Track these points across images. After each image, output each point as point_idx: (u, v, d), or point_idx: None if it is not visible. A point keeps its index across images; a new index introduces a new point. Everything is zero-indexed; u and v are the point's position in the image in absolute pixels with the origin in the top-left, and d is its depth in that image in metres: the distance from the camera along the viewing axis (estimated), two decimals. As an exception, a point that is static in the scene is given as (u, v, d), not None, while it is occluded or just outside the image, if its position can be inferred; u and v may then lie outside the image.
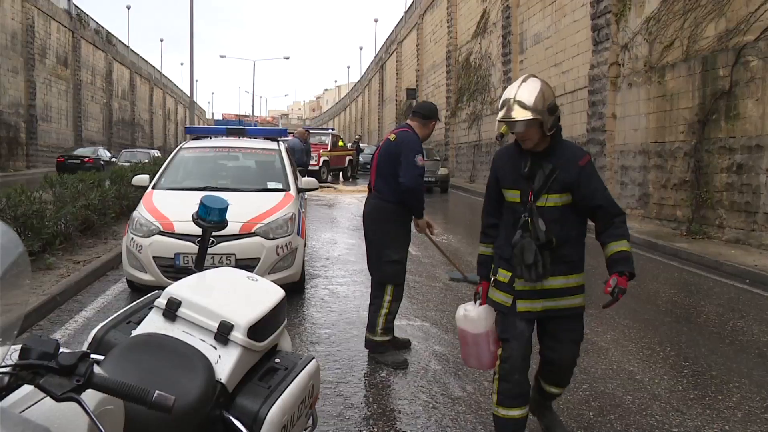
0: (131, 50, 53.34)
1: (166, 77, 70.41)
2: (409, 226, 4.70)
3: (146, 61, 58.96)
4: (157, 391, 1.35)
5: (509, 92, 3.02)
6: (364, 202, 4.94)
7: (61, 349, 1.38)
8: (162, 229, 5.88)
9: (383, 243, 4.61)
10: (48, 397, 1.34)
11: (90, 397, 1.40)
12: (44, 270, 6.80)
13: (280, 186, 7.10)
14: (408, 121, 4.78)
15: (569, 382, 3.36)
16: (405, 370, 4.50)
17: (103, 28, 44.83)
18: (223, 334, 2.07)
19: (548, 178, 3.01)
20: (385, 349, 4.63)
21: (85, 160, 26.16)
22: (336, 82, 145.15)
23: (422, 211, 4.67)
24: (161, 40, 78.39)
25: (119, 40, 49.43)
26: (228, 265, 5.59)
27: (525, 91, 2.99)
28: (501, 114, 3.00)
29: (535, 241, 3.00)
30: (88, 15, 41.27)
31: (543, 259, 3.01)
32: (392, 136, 4.64)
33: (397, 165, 4.47)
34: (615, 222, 3.09)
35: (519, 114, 2.95)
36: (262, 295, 2.35)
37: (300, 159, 16.85)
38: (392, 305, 4.65)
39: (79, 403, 1.34)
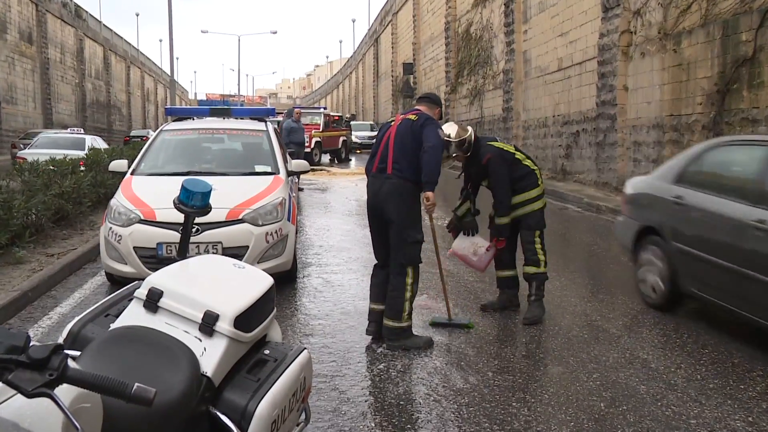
0: (104, 25, 52.88)
1: (144, 55, 69.87)
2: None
3: (121, 38, 58.50)
4: (136, 384, 1.36)
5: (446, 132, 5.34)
6: (369, 183, 4.98)
7: (32, 343, 1.39)
8: (142, 218, 5.90)
9: (406, 223, 4.77)
10: (19, 394, 1.34)
11: (64, 393, 1.40)
12: (14, 264, 6.80)
13: (269, 169, 7.11)
14: (417, 106, 5.13)
15: None
16: (431, 348, 4.76)
17: (71, 0, 44.40)
18: (208, 324, 2.08)
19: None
20: (408, 334, 4.79)
21: (144, 138, 32.31)
22: (328, 57, 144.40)
23: (435, 183, 4.77)
24: (137, 15, 77.64)
25: (90, 15, 48.94)
26: (214, 254, 5.60)
27: (453, 135, 5.50)
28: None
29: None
30: (53, -13, 40.85)
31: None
32: (413, 117, 4.90)
33: (421, 143, 4.75)
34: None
35: (453, 150, 5.57)
36: (249, 283, 2.36)
37: (300, 139, 17.64)
38: (414, 287, 4.85)
39: (53, 398, 1.34)
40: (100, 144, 20.02)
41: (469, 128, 5.72)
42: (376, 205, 4.88)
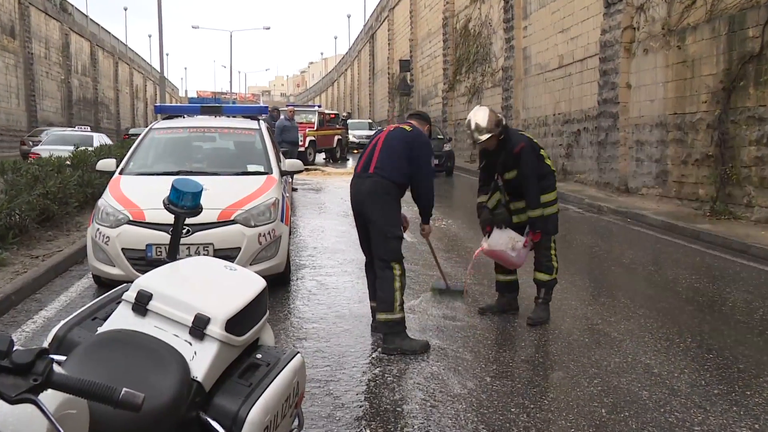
0: (90, 20, 52.80)
1: (133, 51, 69.83)
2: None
3: (109, 33, 58.43)
4: (124, 389, 1.36)
5: (471, 118, 5.39)
6: (352, 183, 5.21)
7: (16, 347, 1.38)
8: (131, 218, 5.89)
9: (388, 220, 4.96)
10: (1, 400, 1.33)
11: (49, 399, 1.40)
12: (-3, 267, 6.78)
13: (262, 169, 7.12)
14: (408, 121, 5.42)
15: None
16: (428, 352, 4.81)
17: (56, -7, 44.23)
18: (198, 328, 2.08)
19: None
20: (401, 329, 4.87)
21: None
22: (322, 54, 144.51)
23: (431, 212, 5.34)
24: (125, 9, 77.66)
25: (76, 8, 48.85)
26: (206, 255, 5.60)
27: (481, 119, 5.31)
28: (473, 137, 5.40)
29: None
30: (35, -21, 40.63)
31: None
32: (407, 127, 5.20)
33: (411, 156, 5.00)
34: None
35: (483, 136, 5.31)
36: (241, 285, 2.37)
37: (293, 138, 18.07)
38: (402, 278, 4.98)
39: (37, 404, 1.34)
40: (106, 141, 21.90)
41: (499, 113, 5.59)
42: (358, 202, 5.10)
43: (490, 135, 5.31)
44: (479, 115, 5.34)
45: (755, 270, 7.74)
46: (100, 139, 22.03)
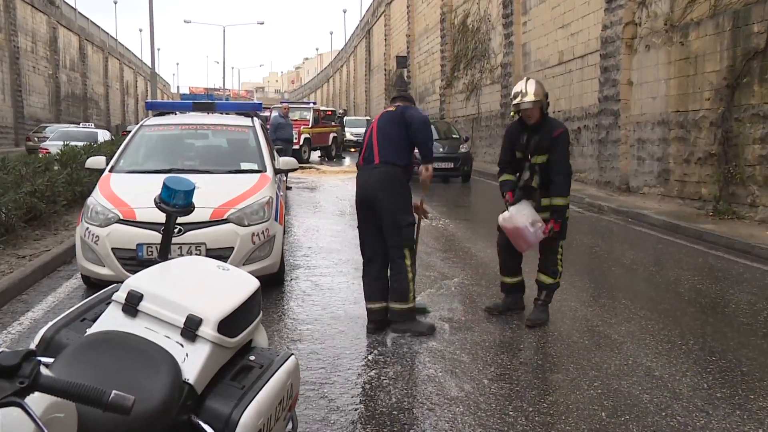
0: (79, 13, 52.66)
1: (123, 45, 69.68)
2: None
3: (98, 27, 58.29)
4: (113, 391, 1.35)
5: (519, 87, 5.49)
6: (358, 176, 5.43)
7: (2, 349, 1.38)
8: (121, 217, 5.89)
9: (398, 207, 5.23)
10: None
11: (36, 402, 1.40)
12: (-17, 266, 6.76)
13: (255, 167, 7.12)
14: (394, 103, 5.60)
15: None
16: (434, 334, 5.18)
17: (43, -15, 44.07)
18: (190, 329, 2.08)
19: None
20: (414, 316, 5.17)
21: None
22: (317, 50, 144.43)
23: (433, 153, 5.49)
24: (115, 2, 77.24)
25: (64, 1, 48.69)
26: (198, 255, 5.60)
27: (530, 86, 5.44)
28: (517, 101, 5.45)
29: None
30: (21, -29, 40.43)
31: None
32: (392, 108, 5.47)
33: (404, 129, 5.25)
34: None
35: (529, 98, 5.38)
36: (233, 285, 2.37)
37: (288, 135, 18.23)
38: (413, 267, 5.29)
39: (23, 408, 1.34)
40: (109, 138, 23.55)
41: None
42: (367, 194, 5.27)
43: (537, 99, 5.41)
44: (528, 83, 5.51)
45: (759, 271, 7.76)
46: (103, 135, 23.61)
